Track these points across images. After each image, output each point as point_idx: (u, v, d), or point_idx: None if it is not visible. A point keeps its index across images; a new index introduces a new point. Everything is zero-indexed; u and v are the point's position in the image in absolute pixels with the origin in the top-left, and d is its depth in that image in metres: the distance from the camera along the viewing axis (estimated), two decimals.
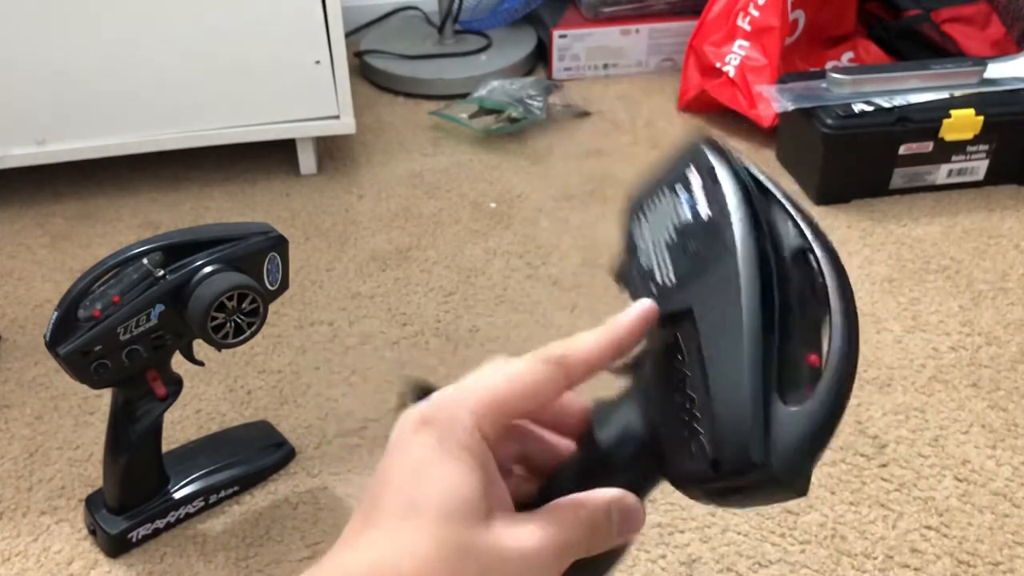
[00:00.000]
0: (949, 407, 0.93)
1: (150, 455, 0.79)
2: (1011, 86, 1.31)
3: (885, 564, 0.77)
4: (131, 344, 0.66)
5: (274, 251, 0.73)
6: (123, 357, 0.68)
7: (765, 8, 1.45)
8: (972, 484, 0.84)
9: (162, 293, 0.66)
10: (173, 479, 0.82)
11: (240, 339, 0.70)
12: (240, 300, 0.69)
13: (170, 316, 0.67)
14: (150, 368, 0.73)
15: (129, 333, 0.64)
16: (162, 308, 0.64)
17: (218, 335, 0.68)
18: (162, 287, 0.66)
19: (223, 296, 0.66)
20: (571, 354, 0.35)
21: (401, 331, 1.08)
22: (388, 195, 1.37)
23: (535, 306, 1.11)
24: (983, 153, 1.30)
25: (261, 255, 0.72)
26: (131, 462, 0.77)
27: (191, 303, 0.67)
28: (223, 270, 0.69)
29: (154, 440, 0.78)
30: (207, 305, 0.65)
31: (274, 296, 0.75)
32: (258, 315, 0.70)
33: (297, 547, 0.80)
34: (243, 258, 0.71)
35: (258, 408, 0.96)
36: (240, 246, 0.71)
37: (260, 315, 0.70)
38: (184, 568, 0.79)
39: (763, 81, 1.43)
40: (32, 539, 0.82)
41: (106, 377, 0.69)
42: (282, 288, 0.75)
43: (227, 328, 0.69)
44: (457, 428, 0.32)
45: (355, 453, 0.90)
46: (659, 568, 0.77)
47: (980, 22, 1.58)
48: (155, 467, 0.80)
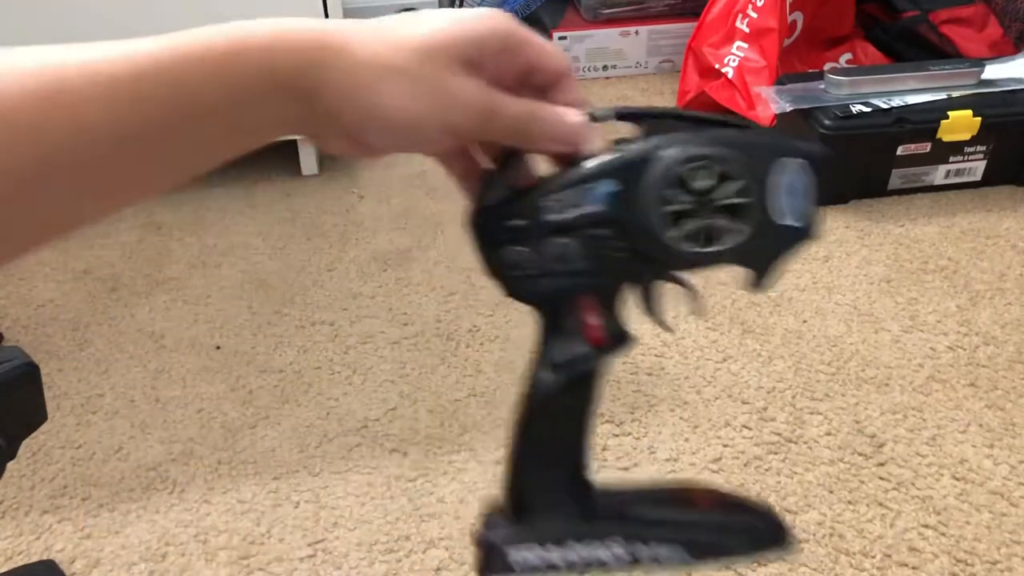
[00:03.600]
0: (947, 406, 0.94)
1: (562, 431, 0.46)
2: (1009, 87, 1.32)
3: (883, 563, 0.78)
4: (559, 232, 0.41)
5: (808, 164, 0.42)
6: (547, 252, 0.42)
7: (764, 10, 1.46)
8: (970, 483, 0.85)
9: (615, 166, 0.41)
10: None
11: (713, 249, 0.40)
12: (720, 182, 0.40)
13: (624, 207, 0.40)
14: (585, 291, 0.44)
15: (558, 214, 0.41)
16: (612, 187, 0.40)
17: (678, 233, 0.40)
18: (616, 160, 0.41)
19: (689, 164, 0.39)
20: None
21: (402, 331, 1.08)
22: (389, 195, 1.37)
23: None
24: (981, 154, 1.31)
25: (771, 158, 0.41)
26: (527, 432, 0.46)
27: (644, 178, 0.40)
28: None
29: (571, 410, 0.45)
30: (661, 174, 0.39)
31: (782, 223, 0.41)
32: (747, 215, 0.40)
33: (298, 546, 0.81)
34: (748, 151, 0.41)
35: (260, 407, 0.97)
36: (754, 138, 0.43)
37: (749, 215, 0.40)
38: (185, 566, 0.79)
39: (762, 82, 1.44)
40: (35, 538, 0.82)
41: (518, 273, 0.42)
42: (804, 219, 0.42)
43: (694, 226, 0.40)
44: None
45: (355, 452, 0.90)
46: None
47: (978, 23, 1.59)
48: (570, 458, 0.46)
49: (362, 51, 0.34)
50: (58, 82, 0.29)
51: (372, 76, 0.34)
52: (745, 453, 0.88)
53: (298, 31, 0.33)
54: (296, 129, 0.35)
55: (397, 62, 0.34)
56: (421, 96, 0.34)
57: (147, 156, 0.32)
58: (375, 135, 0.35)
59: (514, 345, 1.05)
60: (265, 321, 1.11)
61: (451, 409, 0.96)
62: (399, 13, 0.37)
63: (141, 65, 0.30)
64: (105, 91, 0.29)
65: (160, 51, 0.31)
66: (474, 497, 0.84)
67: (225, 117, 0.33)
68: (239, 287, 1.18)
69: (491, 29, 0.36)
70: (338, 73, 0.33)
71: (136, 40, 0.31)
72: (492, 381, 1.00)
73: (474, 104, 0.35)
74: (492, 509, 0.44)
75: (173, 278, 1.20)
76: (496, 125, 0.37)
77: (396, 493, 0.85)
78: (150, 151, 0.32)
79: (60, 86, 0.29)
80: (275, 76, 0.33)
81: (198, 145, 0.33)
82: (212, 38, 0.32)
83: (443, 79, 0.34)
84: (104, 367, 1.04)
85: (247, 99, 0.33)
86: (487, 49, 0.36)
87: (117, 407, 0.98)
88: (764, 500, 0.71)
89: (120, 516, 0.84)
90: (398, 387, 0.99)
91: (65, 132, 0.29)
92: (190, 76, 0.31)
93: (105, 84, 0.29)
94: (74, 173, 0.30)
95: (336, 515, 0.84)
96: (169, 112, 0.31)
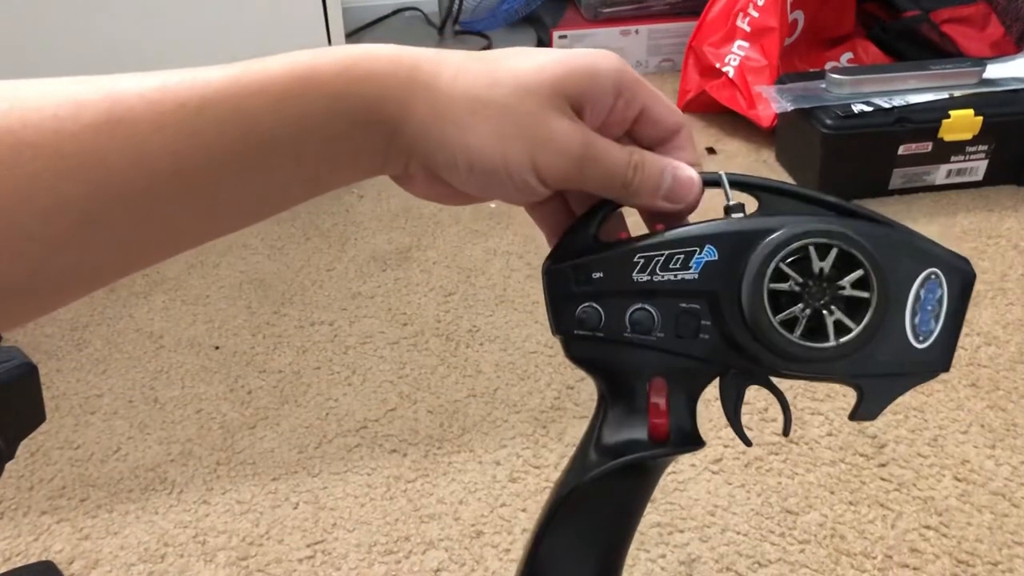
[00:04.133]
0: (948, 407, 0.94)
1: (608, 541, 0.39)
2: (1010, 86, 1.32)
3: (884, 564, 0.77)
4: (642, 297, 0.35)
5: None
6: (624, 316, 0.35)
7: (764, 9, 1.45)
8: (971, 484, 0.85)
9: (724, 232, 0.34)
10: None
11: (814, 344, 0.34)
12: (840, 270, 0.34)
13: (722, 280, 0.34)
14: (657, 372, 0.36)
15: (647, 274, 0.34)
16: (713, 256, 0.34)
17: (776, 317, 0.33)
18: (726, 226, 0.35)
19: (810, 239, 0.33)
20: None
21: (401, 331, 1.08)
22: (388, 195, 1.37)
23: (535, 306, 1.12)
24: (982, 153, 1.30)
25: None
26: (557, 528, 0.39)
27: (754, 250, 0.34)
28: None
29: (612, 506, 0.38)
30: (775, 245, 0.33)
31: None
32: (863, 313, 0.34)
33: (297, 547, 0.80)
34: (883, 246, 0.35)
35: (258, 408, 0.97)
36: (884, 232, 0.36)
37: (872, 307, 0.33)
38: (184, 567, 0.79)
39: (762, 81, 1.44)
40: (33, 539, 0.82)
41: (585, 332, 0.36)
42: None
43: (798, 314, 0.34)
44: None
45: (355, 453, 0.90)
46: (659, 568, 0.77)
47: (979, 22, 1.58)
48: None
49: (454, 83, 0.30)
50: (116, 112, 0.27)
51: (461, 110, 0.30)
52: (746, 454, 0.88)
53: (376, 57, 0.30)
54: (374, 166, 0.32)
55: (492, 97, 0.30)
56: (513, 135, 0.31)
57: (210, 192, 0.29)
58: (460, 176, 0.31)
59: (514, 345, 1.05)
60: (264, 321, 1.11)
61: (451, 409, 0.95)
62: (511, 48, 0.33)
63: (202, 95, 0.28)
64: (165, 121, 0.27)
65: (223, 80, 0.28)
66: (474, 498, 0.84)
67: (291, 150, 0.29)
68: (238, 287, 1.18)
69: (607, 70, 0.32)
70: (423, 106, 0.30)
71: (199, 69, 0.29)
72: (492, 381, 0.99)
73: (572, 147, 0.31)
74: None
75: (171, 278, 1.20)
76: (594, 172, 0.33)
77: (395, 494, 0.85)
78: (213, 186, 0.29)
79: (119, 116, 0.27)
80: (345, 105, 0.29)
81: (265, 182, 0.30)
82: (280, 65, 0.29)
83: (540, 118, 0.31)
84: (103, 367, 1.04)
85: (314, 130, 0.29)
86: (597, 91, 0.32)
87: (116, 407, 0.97)
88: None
89: (119, 517, 0.84)
90: (397, 387, 0.99)
91: (124, 164, 0.27)
92: (252, 105, 0.28)
93: (165, 114, 0.27)
94: (133, 208, 0.28)
95: (335, 516, 0.83)
96: (231, 143, 0.28)
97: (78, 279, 0.29)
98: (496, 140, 0.30)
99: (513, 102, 0.30)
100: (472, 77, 0.31)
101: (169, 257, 0.31)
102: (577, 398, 0.96)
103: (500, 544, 0.79)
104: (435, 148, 0.31)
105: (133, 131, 0.27)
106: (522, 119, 0.31)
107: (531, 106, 0.31)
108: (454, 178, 0.32)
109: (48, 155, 0.26)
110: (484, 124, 0.30)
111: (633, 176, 0.33)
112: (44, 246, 0.27)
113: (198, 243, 0.31)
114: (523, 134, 0.31)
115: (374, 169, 0.32)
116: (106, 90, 0.27)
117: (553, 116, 0.31)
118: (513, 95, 0.31)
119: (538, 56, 0.32)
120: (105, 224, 0.27)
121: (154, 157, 0.27)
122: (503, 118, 0.30)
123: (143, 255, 0.30)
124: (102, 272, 0.29)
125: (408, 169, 0.33)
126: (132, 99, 0.27)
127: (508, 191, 0.32)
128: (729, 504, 0.83)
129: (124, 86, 0.27)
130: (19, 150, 0.26)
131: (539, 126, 0.31)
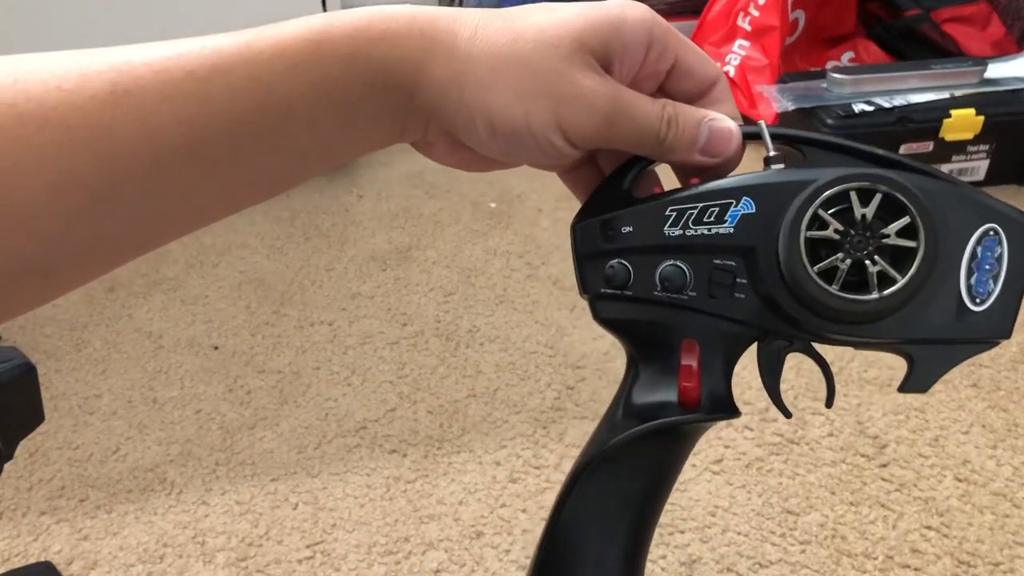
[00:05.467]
0: (949, 407, 0.93)
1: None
2: (1011, 86, 1.31)
3: (885, 564, 0.77)
4: (674, 252, 0.33)
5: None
6: (654, 273, 0.33)
7: (765, 8, 1.45)
8: (972, 484, 0.84)
9: (761, 184, 0.33)
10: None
11: (854, 296, 0.31)
12: (885, 220, 0.31)
13: (759, 233, 0.32)
14: (689, 333, 0.34)
15: (680, 228, 0.32)
16: (750, 209, 0.32)
17: (815, 268, 0.31)
18: (763, 177, 0.33)
19: (853, 183, 0.31)
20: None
21: (401, 331, 1.08)
22: (388, 195, 1.37)
23: (535, 306, 1.11)
24: (983, 153, 1.30)
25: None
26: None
27: (793, 201, 0.31)
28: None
29: (639, 471, 0.36)
30: (814, 191, 0.31)
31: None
32: (913, 258, 0.30)
33: (297, 547, 0.80)
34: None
35: (258, 408, 0.96)
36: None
37: (918, 257, 0.30)
38: (183, 568, 0.79)
39: (763, 81, 1.43)
40: (32, 539, 0.82)
41: (614, 289, 0.34)
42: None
43: (838, 264, 0.31)
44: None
45: (355, 453, 0.90)
46: (659, 568, 0.77)
47: (980, 22, 1.58)
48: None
49: (473, 41, 0.29)
50: (123, 83, 0.26)
51: (481, 69, 0.29)
52: (747, 454, 0.88)
53: (392, 17, 0.29)
54: (392, 133, 0.30)
55: (512, 54, 0.29)
56: (536, 93, 0.29)
57: (224, 163, 0.28)
58: (481, 139, 0.30)
59: (514, 345, 1.04)
60: (263, 321, 1.10)
61: (450, 410, 0.95)
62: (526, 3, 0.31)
63: (212, 62, 0.27)
64: (173, 91, 0.26)
65: (233, 46, 0.27)
66: (474, 499, 0.84)
67: (306, 117, 0.28)
68: (237, 287, 1.18)
69: (635, 21, 0.31)
70: (440, 66, 0.29)
71: (210, 37, 0.28)
72: (492, 381, 0.99)
73: (599, 103, 0.29)
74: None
75: (171, 278, 1.20)
76: (625, 129, 0.31)
77: (395, 494, 0.85)
78: (227, 157, 0.28)
79: (125, 87, 0.26)
80: (360, 69, 0.28)
81: (280, 151, 0.29)
82: (293, 29, 0.28)
83: (564, 74, 0.29)
84: (102, 368, 1.03)
85: (329, 95, 0.28)
86: (627, 43, 0.30)
87: (115, 408, 0.97)
88: None
89: (118, 517, 0.84)
90: (397, 388, 0.99)
91: (133, 136, 0.26)
92: (264, 71, 0.27)
93: (173, 83, 0.26)
94: (145, 181, 0.27)
95: (335, 516, 0.83)
96: (243, 112, 0.27)
97: (94, 257, 0.28)
98: (518, 99, 0.29)
99: (535, 58, 0.29)
100: (491, 34, 0.29)
101: (186, 233, 0.29)
102: (577, 398, 0.96)
103: (500, 545, 0.79)
104: (454, 111, 0.29)
105: (140, 101, 0.26)
106: (545, 76, 0.29)
107: (554, 62, 0.29)
108: (475, 142, 0.30)
109: (53, 127, 0.25)
110: (505, 83, 0.29)
111: (668, 131, 0.31)
112: (56, 221, 0.26)
113: (215, 218, 0.30)
114: (546, 91, 0.29)
115: (393, 136, 0.30)
116: (112, 61, 0.26)
117: (578, 71, 0.29)
118: (535, 51, 0.29)
119: (561, 10, 0.30)
120: (117, 198, 0.26)
121: (163, 128, 0.26)
122: (525, 75, 0.29)
123: (160, 231, 0.29)
124: (118, 249, 0.28)
125: (427, 135, 0.31)
126: (139, 69, 0.26)
127: (533, 153, 0.31)
128: (730, 505, 0.82)
129: (131, 57, 0.27)
130: (23, 122, 0.25)
131: (563, 82, 0.29)
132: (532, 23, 0.29)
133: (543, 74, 0.29)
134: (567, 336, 1.06)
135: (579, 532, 0.34)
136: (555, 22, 0.29)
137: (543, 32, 0.29)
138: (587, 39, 0.29)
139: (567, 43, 0.29)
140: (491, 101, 0.29)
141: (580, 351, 1.03)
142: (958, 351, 0.31)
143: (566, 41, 0.29)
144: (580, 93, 0.29)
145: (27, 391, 0.61)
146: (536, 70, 0.29)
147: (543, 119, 0.29)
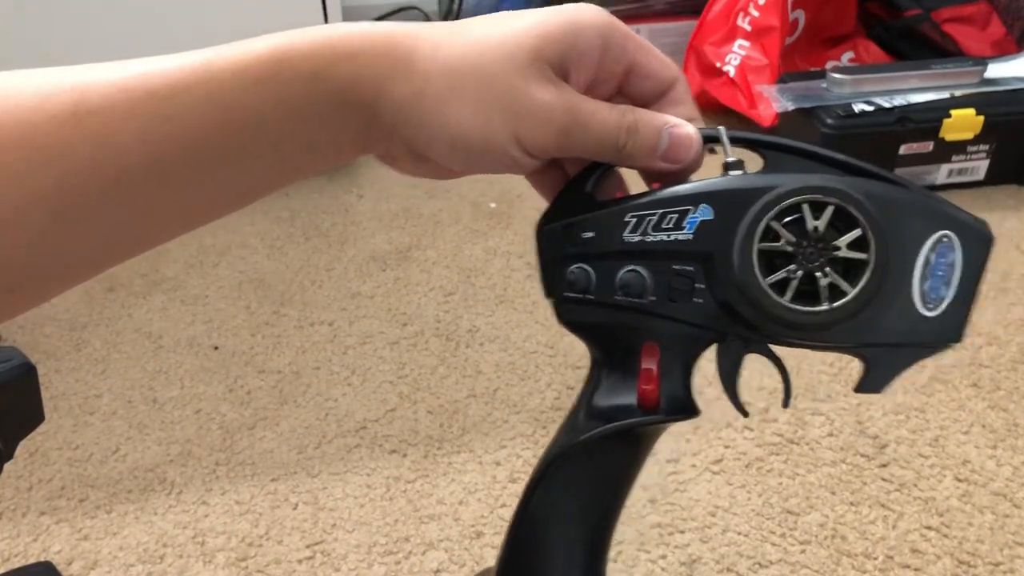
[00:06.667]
0: (949, 407, 0.93)
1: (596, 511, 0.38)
2: (1012, 86, 1.31)
3: (885, 564, 0.77)
4: (633, 258, 0.33)
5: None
6: (615, 278, 0.34)
7: (765, 8, 1.45)
8: (972, 484, 0.84)
9: (718, 190, 0.33)
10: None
11: (815, 310, 0.32)
12: (839, 229, 0.32)
13: (715, 240, 0.32)
14: (649, 336, 0.35)
15: (639, 234, 0.33)
16: (708, 215, 0.32)
17: (768, 279, 0.32)
18: (721, 183, 0.33)
19: (805, 196, 0.31)
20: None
21: (401, 331, 1.08)
22: (388, 195, 1.37)
23: (535, 306, 1.11)
24: (983, 153, 1.30)
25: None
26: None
27: (748, 209, 0.32)
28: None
29: (599, 473, 0.38)
30: (766, 203, 0.32)
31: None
32: (863, 269, 0.32)
33: (297, 547, 0.80)
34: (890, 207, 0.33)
35: (258, 408, 0.96)
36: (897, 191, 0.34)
37: (869, 269, 0.32)
38: (183, 568, 0.79)
39: (763, 81, 1.43)
40: (32, 539, 0.82)
41: (575, 293, 0.36)
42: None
43: (790, 276, 0.32)
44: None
45: (355, 453, 0.90)
46: (659, 568, 0.77)
47: (980, 22, 1.58)
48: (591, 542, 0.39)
49: (433, 58, 0.29)
50: (85, 103, 0.26)
51: (440, 85, 0.29)
52: (747, 454, 0.88)
53: (352, 36, 0.29)
54: (354, 150, 0.31)
55: (469, 68, 0.29)
56: (493, 108, 0.29)
57: (187, 181, 0.28)
58: (443, 154, 0.30)
59: (514, 345, 1.04)
60: (263, 321, 1.10)
61: (451, 410, 0.95)
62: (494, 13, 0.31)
63: (174, 81, 0.27)
64: (135, 110, 0.26)
65: (195, 65, 0.27)
66: (474, 499, 0.84)
67: (269, 135, 0.28)
68: (237, 287, 1.18)
69: (589, 26, 0.30)
70: (400, 83, 0.29)
71: (175, 55, 0.28)
72: (492, 381, 0.99)
73: (555, 116, 0.30)
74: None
75: (170, 278, 1.20)
76: (583, 139, 0.31)
77: (395, 494, 0.85)
78: (190, 175, 0.28)
79: (88, 107, 0.26)
80: (322, 87, 0.28)
81: (243, 168, 0.29)
82: (253, 47, 0.28)
83: (520, 87, 0.29)
84: (102, 368, 1.03)
85: (291, 114, 0.28)
86: (582, 49, 0.30)
87: (115, 408, 0.97)
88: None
89: (117, 517, 0.84)
90: (397, 388, 0.99)
91: (96, 155, 0.26)
92: (226, 90, 0.27)
93: (135, 103, 0.26)
94: (109, 199, 0.27)
95: (335, 517, 0.83)
96: (206, 130, 0.27)
97: (57, 273, 0.28)
98: (476, 114, 0.29)
99: (492, 72, 0.29)
100: (451, 49, 0.29)
101: (152, 247, 0.30)
102: None
103: (500, 545, 0.79)
104: (415, 127, 0.29)
105: (103, 121, 0.26)
106: (502, 90, 0.29)
107: (510, 75, 0.29)
108: (437, 155, 0.31)
109: (15, 147, 0.25)
110: (463, 98, 0.29)
111: (627, 139, 0.32)
112: (18, 240, 0.26)
113: (179, 233, 0.30)
114: (503, 105, 0.29)
115: (356, 152, 0.31)
116: (74, 81, 0.26)
117: (533, 84, 0.29)
118: (492, 64, 0.29)
119: (515, 20, 0.30)
120: (79, 216, 0.27)
121: (125, 147, 0.26)
122: (481, 90, 0.29)
123: (123, 247, 0.29)
124: (81, 264, 0.29)
125: (390, 150, 0.31)
126: (102, 88, 0.26)
127: (494, 165, 0.31)
128: (730, 505, 0.82)
129: (93, 76, 0.27)
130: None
131: (519, 96, 0.29)
132: (490, 36, 0.30)
133: (499, 88, 0.29)
134: (567, 336, 1.05)
135: (543, 529, 0.36)
136: (511, 34, 0.29)
137: (501, 46, 0.29)
138: (542, 49, 0.30)
139: (522, 55, 0.29)
140: (450, 117, 0.29)
141: (580, 351, 1.03)
142: (913, 353, 0.33)
143: (522, 53, 0.29)
144: (536, 107, 0.29)
145: (27, 391, 0.61)
146: (492, 85, 0.29)
147: (501, 133, 0.30)
